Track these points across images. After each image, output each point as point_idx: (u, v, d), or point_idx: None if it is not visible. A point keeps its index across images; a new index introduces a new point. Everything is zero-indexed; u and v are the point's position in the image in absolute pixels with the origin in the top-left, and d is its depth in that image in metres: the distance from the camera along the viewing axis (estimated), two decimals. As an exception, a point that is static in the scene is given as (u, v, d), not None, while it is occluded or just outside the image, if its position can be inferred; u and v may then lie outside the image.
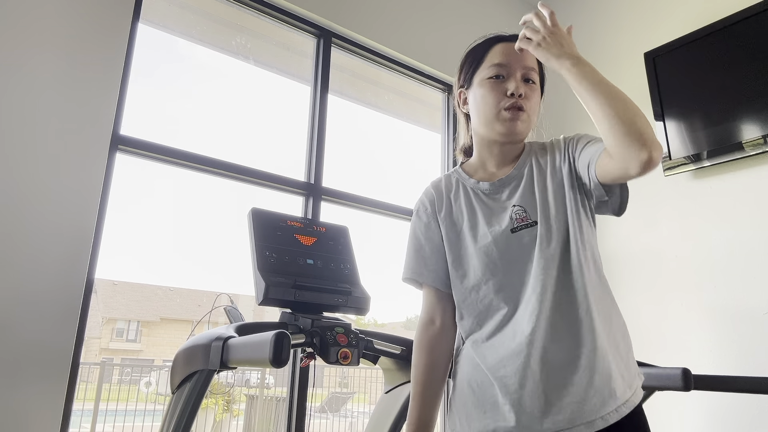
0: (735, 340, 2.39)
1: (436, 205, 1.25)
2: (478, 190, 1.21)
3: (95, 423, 5.28)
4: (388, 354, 1.57)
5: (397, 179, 3.09)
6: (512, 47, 1.19)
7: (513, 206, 1.15)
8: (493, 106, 1.17)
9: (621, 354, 1.09)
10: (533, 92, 1.18)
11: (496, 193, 1.19)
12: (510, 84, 1.16)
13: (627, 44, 3.07)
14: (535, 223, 1.12)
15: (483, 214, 1.18)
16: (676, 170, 2.64)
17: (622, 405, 1.03)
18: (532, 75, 1.19)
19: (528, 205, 1.15)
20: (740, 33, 2.49)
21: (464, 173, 1.26)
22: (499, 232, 1.14)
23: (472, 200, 1.21)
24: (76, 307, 1.79)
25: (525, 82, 1.18)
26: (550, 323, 1.07)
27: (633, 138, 0.96)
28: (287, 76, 2.77)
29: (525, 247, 1.12)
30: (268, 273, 1.43)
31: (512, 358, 1.07)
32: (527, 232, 1.12)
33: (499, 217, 1.16)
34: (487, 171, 1.24)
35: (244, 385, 6.29)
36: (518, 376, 1.05)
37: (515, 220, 1.14)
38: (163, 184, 2.77)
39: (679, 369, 1.64)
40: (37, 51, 1.86)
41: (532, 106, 1.18)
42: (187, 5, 2.47)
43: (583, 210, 1.14)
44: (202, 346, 1.25)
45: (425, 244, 1.23)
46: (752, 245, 2.41)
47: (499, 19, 3.45)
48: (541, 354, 1.05)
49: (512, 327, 1.10)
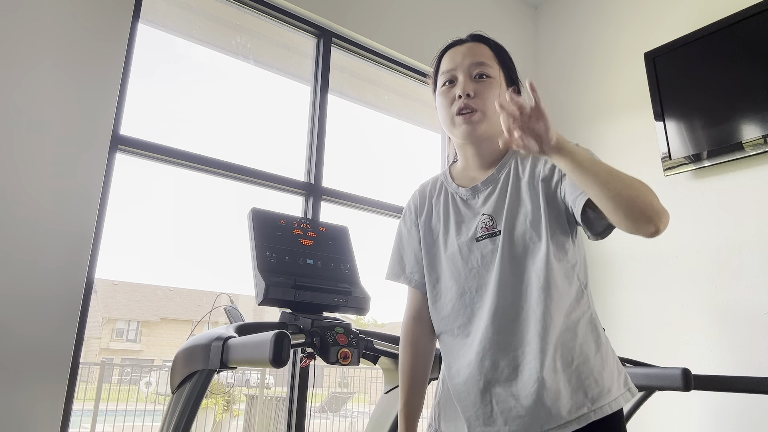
0: (735, 340, 2.39)
1: (419, 209, 1.28)
2: (457, 196, 1.23)
3: (95, 423, 5.28)
4: (388, 354, 1.57)
5: (397, 179, 3.09)
6: (460, 49, 1.19)
7: (482, 215, 1.15)
8: (446, 114, 1.18)
9: (581, 370, 1.04)
10: (486, 87, 1.15)
11: (472, 199, 1.20)
12: (457, 87, 1.16)
13: (627, 44, 3.07)
14: (499, 232, 1.12)
15: (455, 221, 1.19)
16: (676, 170, 2.64)
17: (570, 422, 1.00)
18: (482, 69, 1.16)
19: (497, 213, 1.14)
20: (740, 33, 2.49)
21: (449, 176, 1.27)
22: (465, 241, 1.15)
23: (449, 206, 1.22)
24: (76, 307, 1.79)
25: (478, 79, 1.16)
26: (497, 337, 1.07)
27: (637, 216, 0.93)
28: (287, 76, 2.77)
29: (486, 256, 1.12)
30: (268, 273, 1.43)
31: (465, 368, 1.11)
32: (490, 242, 1.12)
33: (468, 224, 1.17)
34: (469, 175, 1.24)
35: (244, 385, 6.29)
36: (469, 389, 1.10)
37: (481, 229, 1.14)
38: (163, 184, 2.77)
39: (679, 369, 1.64)
40: (37, 51, 1.86)
41: (486, 101, 1.14)
42: (187, 5, 2.47)
43: (559, 227, 1.09)
44: (202, 346, 1.24)
45: (405, 248, 1.28)
46: (752, 245, 2.41)
47: (498, 19, 3.45)
48: (489, 367, 1.07)
49: (470, 338, 1.12)
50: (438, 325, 1.20)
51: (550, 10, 3.60)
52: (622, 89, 3.06)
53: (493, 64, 1.18)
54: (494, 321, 1.08)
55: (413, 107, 3.24)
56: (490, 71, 1.17)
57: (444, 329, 1.19)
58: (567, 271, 1.09)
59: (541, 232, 1.08)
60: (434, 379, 1.48)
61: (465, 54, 1.18)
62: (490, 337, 1.08)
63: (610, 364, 1.08)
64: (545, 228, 1.08)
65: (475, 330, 1.11)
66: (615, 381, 1.06)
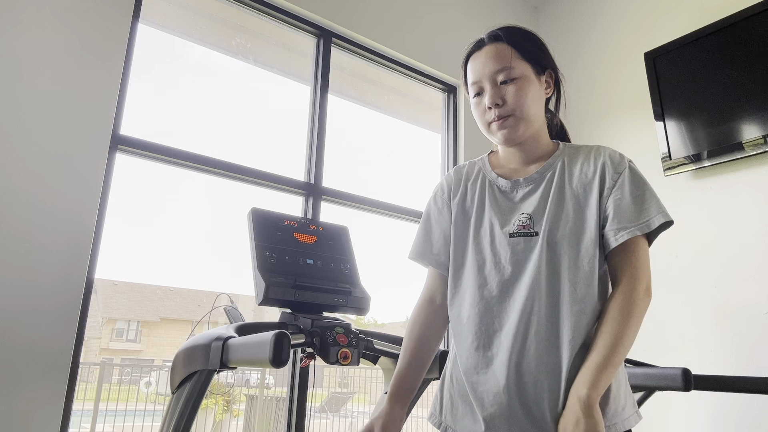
0: (735, 340, 2.39)
1: (453, 190, 1.25)
2: (495, 185, 1.20)
3: (95, 423, 5.28)
4: (388, 354, 1.57)
5: (397, 179, 3.09)
6: (479, 56, 1.17)
7: (521, 213, 1.13)
8: (482, 124, 1.18)
9: None
10: (514, 90, 1.13)
11: (510, 192, 1.17)
12: (485, 99, 1.16)
13: (627, 44, 3.07)
14: (536, 233, 1.09)
15: (491, 210, 1.17)
16: (676, 170, 2.64)
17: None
18: (506, 74, 1.14)
19: (537, 214, 1.11)
20: (740, 33, 2.49)
21: (488, 164, 1.25)
22: (498, 232, 1.13)
23: (486, 194, 1.19)
24: (76, 307, 1.79)
25: (503, 84, 1.14)
26: (526, 349, 1.05)
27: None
28: (287, 76, 2.77)
29: (517, 254, 1.10)
30: (268, 273, 1.43)
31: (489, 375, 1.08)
32: (524, 240, 1.10)
33: (505, 217, 1.14)
34: (510, 167, 1.22)
35: (244, 385, 6.29)
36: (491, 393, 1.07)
37: (517, 225, 1.12)
38: (163, 184, 2.77)
39: (679, 369, 1.64)
40: (37, 51, 1.86)
41: (516, 105, 1.13)
42: (187, 5, 2.47)
43: (597, 238, 1.08)
44: (202, 346, 1.24)
45: (435, 229, 1.24)
46: (752, 245, 2.41)
47: (498, 19, 3.44)
48: (514, 371, 1.05)
49: (493, 348, 1.09)
50: (452, 313, 1.17)
51: (550, 10, 3.60)
52: (622, 89, 3.06)
53: (516, 63, 1.14)
54: (522, 326, 1.06)
55: (413, 107, 3.24)
56: (515, 72, 1.14)
57: (458, 320, 1.16)
58: (597, 282, 1.08)
59: (581, 240, 1.07)
60: (435, 379, 1.47)
61: (485, 62, 1.16)
62: (514, 349, 1.05)
63: (624, 384, 1.09)
64: (587, 237, 1.07)
65: (504, 330, 1.08)
66: (628, 401, 1.07)
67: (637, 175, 1.11)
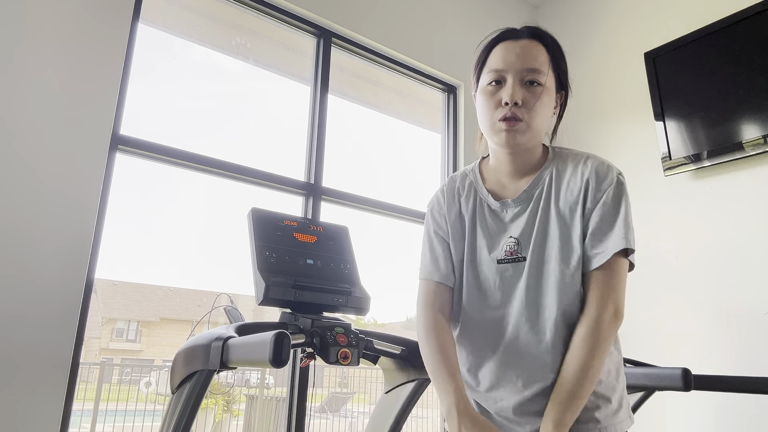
0: (735, 340, 2.39)
1: (448, 205, 1.23)
2: (485, 204, 1.18)
3: (95, 423, 5.28)
4: (388, 354, 1.56)
5: (397, 179, 3.09)
6: (513, 47, 1.09)
7: (509, 237, 1.12)
8: (488, 117, 1.11)
9: (596, 390, 1.05)
10: (536, 96, 1.07)
11: (501, 211, 1.15)
12: (504, 92, 1.08)
13: (627, 44, 3.07)
14: (524, 258, 1.08)
15: (482, 232, 1.16)
16: (676, 170, 2.64)
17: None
18: (535, 76, 1.08)
19: (524, 238, 1.10)
20: (740, 33, 2.49)
21: (480, 176, 1.23)
22: (486, 257, 1.13)
23: (476, 213, 1.18)
24: (76, 307, 1.79)
25: (528, 85, 1.08)
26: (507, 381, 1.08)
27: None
28: (287, 76, 2.77)
29: (505, 280, 1.10)
30: (268, 273, 1.42)
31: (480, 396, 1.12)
32: (512, 267, 1.09)
33: (494, 240, 1.13)
34: (500, 180, 1.19)
35: (244, 385, 6.28)
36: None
37: (504, 252, 1.11)
38: (163, 183, 2.77)
39: (679, 369, 1.64)
40: (37, 51, 1.86)
41: (533, 112, 1.07)
42: (187, 5, 2.47)
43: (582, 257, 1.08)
44: (202, 346, 1.24)
45: (437, 244, 1.22)
46: (752, 245, 2.41)
47: (498, 19, 3.45)
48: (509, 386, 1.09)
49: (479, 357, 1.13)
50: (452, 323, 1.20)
51: (550, 10, 3.60)
52: (622, 89, 3.06)
53: (546, 70, 1.09)
54: (508, 350, 1.08)
55: (413, 107, 3.24)
56: (543, 78, 1.08)
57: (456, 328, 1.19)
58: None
59: (569, 262, 1.06)
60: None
61: (519, 55, 1.08)
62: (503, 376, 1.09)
63: (621, 388, 1.09)
64: (573, 258, 1.06)
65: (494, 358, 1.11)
66: (624, 405, 1.08)
67: (618, 195, 1.07)
